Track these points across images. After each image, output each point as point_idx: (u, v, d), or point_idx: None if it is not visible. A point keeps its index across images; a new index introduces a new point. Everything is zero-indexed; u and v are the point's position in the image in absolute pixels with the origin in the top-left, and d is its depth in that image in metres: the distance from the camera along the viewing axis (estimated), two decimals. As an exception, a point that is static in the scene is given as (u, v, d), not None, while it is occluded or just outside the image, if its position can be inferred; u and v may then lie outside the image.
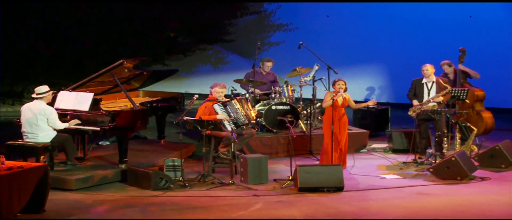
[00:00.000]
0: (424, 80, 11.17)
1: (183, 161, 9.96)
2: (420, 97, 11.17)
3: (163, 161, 10.16)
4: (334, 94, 10.46)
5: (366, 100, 16.19)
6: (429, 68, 11.13)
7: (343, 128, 10.58)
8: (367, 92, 16.78)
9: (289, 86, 12.37)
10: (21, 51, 15.91)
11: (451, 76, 12.33)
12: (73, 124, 9.92)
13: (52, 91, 9.88)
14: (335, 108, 10.40)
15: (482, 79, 12.61)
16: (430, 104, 11.01)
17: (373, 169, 10.74)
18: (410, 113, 11.08)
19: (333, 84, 10.64)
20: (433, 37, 15.99)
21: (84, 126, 10.01)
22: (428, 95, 11.11)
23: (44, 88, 9.78)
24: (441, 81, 11.03)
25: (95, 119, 10.03)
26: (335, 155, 10.44)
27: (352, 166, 10.78)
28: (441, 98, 11.01)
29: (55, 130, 9.76)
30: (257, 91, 12.39)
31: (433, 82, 11.10)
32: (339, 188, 9.33)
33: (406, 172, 10.46)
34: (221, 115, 10.28)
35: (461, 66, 12.29)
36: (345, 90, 10.53)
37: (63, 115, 10.04)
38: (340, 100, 10.46)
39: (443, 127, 11.02)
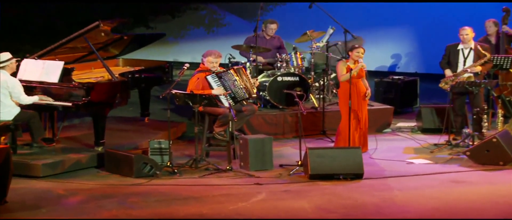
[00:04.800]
0: (460, 46, 11.10)
1: (171, 143, 9.96)
2: (454, 66, 11.13)
3: (147, 143, 10.18)
4: (349, 64, 10.39)
5: (390, 71, 16.17)
6: (469, 32, 11.04)
7: (364, 104, 10.56)
8: (392, 61, 16.73)
9: (298, 53, 12.36)
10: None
11: (493, 39, 12.26)
12: (44, 99, 9.89)
13: (15, 59, 9.85)
14: (352, 81, 10.37)
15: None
16: (466, 75, 10.96)
17: (399, 152, 10.77)
18: (441, 85, 11.05)
19: (350, 51, 10.58)
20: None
21: (53, 100, 9.98)
22: (464, 64, 11.05)
23: (6, 55, 9.75)
24: (480, 48, 10.94)
25: (66, 92, 10.01)
26: (355, 135, 10.43)
27: (374, 149, 10.78)
28: (479, 68, 10.95)
29: (19, 105, 9.73)
30: (260, 59, 12.36)
31: (471, 48, 11.03)
32: (357, 175, 9.35)
33: (438, 156, 10.49)
34: (216, 89, 10.24)
35: (505, 28, 12.22)
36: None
37: (29, 88, 10.01)
38: (356, 73, 10.40)
39: (482, 102, 10.98)
